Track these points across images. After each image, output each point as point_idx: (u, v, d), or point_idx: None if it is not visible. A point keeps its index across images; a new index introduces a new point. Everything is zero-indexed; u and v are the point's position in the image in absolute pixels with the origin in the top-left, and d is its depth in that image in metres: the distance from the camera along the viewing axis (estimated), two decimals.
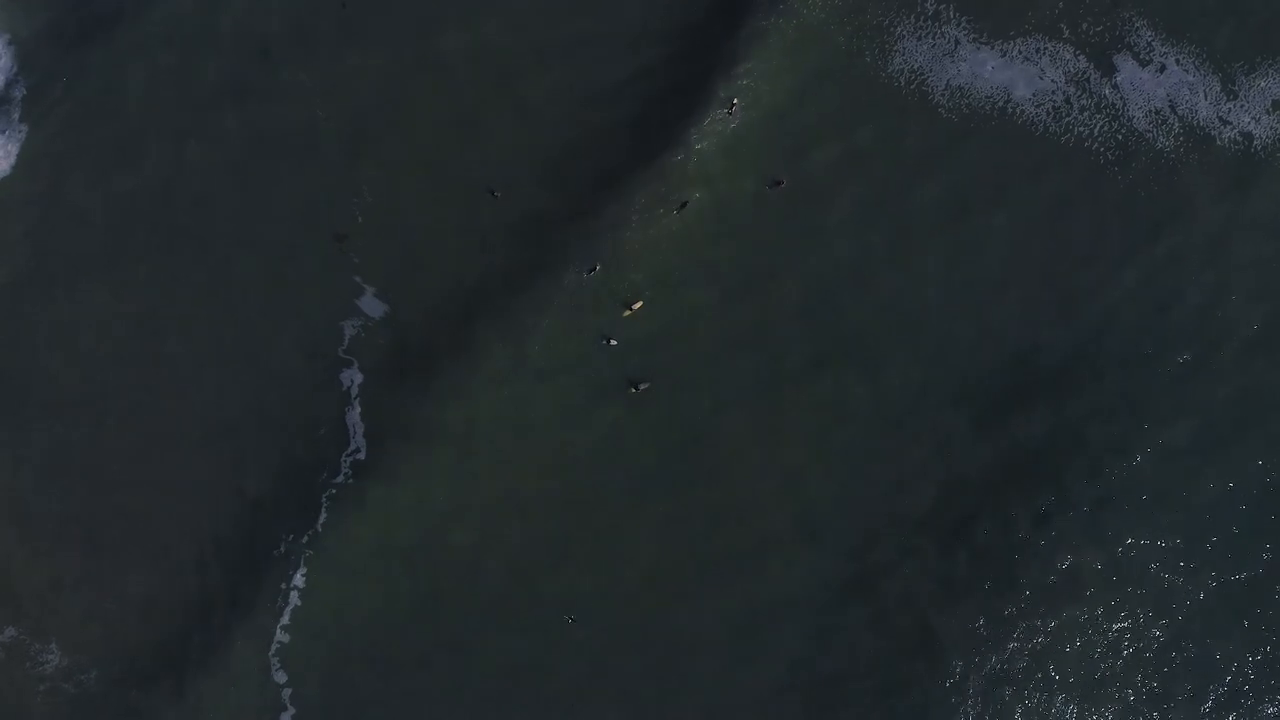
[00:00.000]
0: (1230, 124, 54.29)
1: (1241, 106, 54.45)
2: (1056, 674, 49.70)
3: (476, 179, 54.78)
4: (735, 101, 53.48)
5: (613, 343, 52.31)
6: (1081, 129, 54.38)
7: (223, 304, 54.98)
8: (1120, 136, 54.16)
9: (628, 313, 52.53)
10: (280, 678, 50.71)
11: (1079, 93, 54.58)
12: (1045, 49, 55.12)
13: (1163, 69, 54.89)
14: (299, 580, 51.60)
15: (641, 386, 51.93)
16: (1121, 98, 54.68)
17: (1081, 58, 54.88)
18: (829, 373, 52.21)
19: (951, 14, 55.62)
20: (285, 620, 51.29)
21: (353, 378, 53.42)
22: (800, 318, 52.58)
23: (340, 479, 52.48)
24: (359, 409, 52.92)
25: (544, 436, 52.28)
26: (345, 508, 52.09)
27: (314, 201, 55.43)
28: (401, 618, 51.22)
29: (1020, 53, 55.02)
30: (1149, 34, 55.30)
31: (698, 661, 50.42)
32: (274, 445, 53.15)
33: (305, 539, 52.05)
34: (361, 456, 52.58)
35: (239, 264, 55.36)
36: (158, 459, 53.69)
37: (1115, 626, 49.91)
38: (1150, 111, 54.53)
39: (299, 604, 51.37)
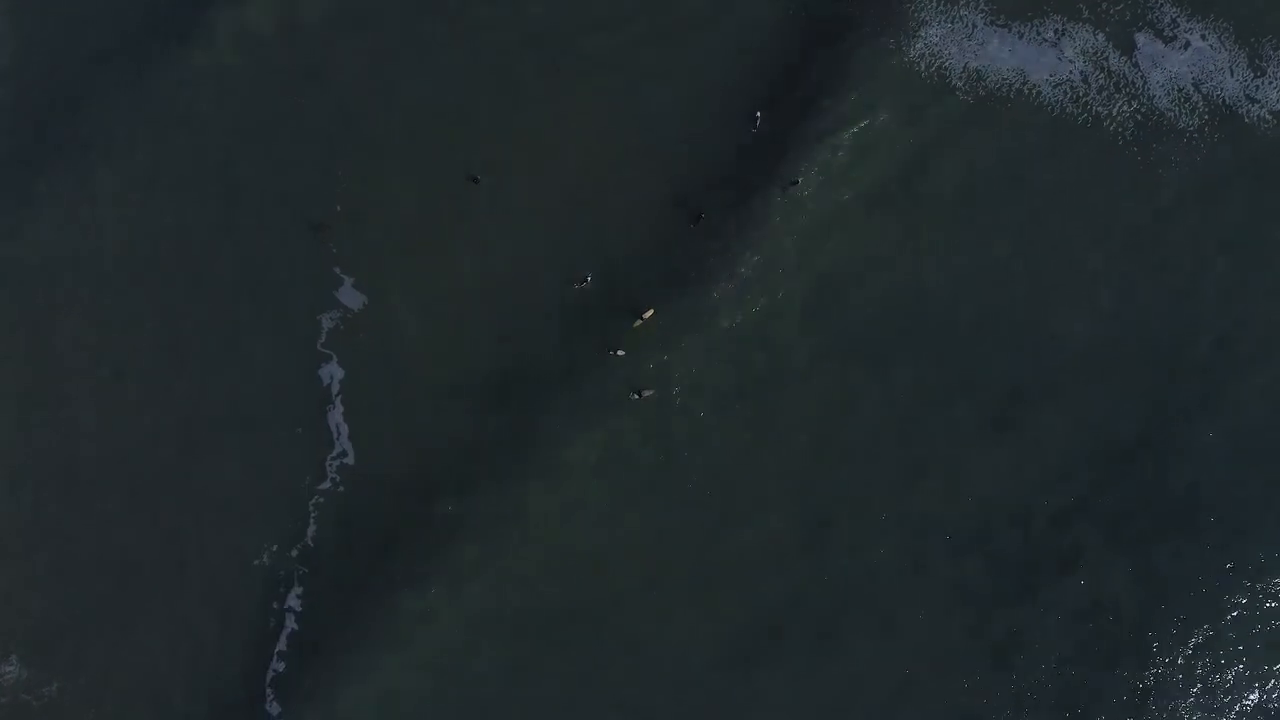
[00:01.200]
0: (1258, 102, 52.32)
1: (1270, 83, 52.64)
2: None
3: (462, 164, 52.60)
4: (759, 115, 51.96)
5: (620, 353, 50.30)
6: (1099, 109, 52.47)
7: (194, 297, 52.47)
8: (1139, 116, 52.26)
9: (638, 322, 50.48)
10: (274, 709, 47.92)
11: (1097, 72, 52.79)
12: (1064, 29, 53.38)
13: (1186, 45, 53.03)
14: (294, 601, 49.26)
15: (645, 393, 49.83)
16: (1142, 76, 52.70)
17: (1100, 36, 53.27)
18: (839, 370, 50.60)
19: None
20: (282, 645, 48.88)
21: (333, 373, 51.10)
22: (810, 316, 50.92)
23: (328, 485, 50.16)
24: (341, 408, 50.65)
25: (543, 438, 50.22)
26: (336, 517, 49.77)
27: (292, 190, 52.96)
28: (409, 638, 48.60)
29: (1038, 34, 53.22)
30: (1172, 9, 53.28)
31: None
32: (251, 445, 50.74)
33: (294, 552, 49.63)
34: (350, 461, 50.22)
35: (212, 254, 52.86)
36: (128, 460, 51.01)
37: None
38: (1173, 90, 52.63)
39: (295, 628, 48.98)
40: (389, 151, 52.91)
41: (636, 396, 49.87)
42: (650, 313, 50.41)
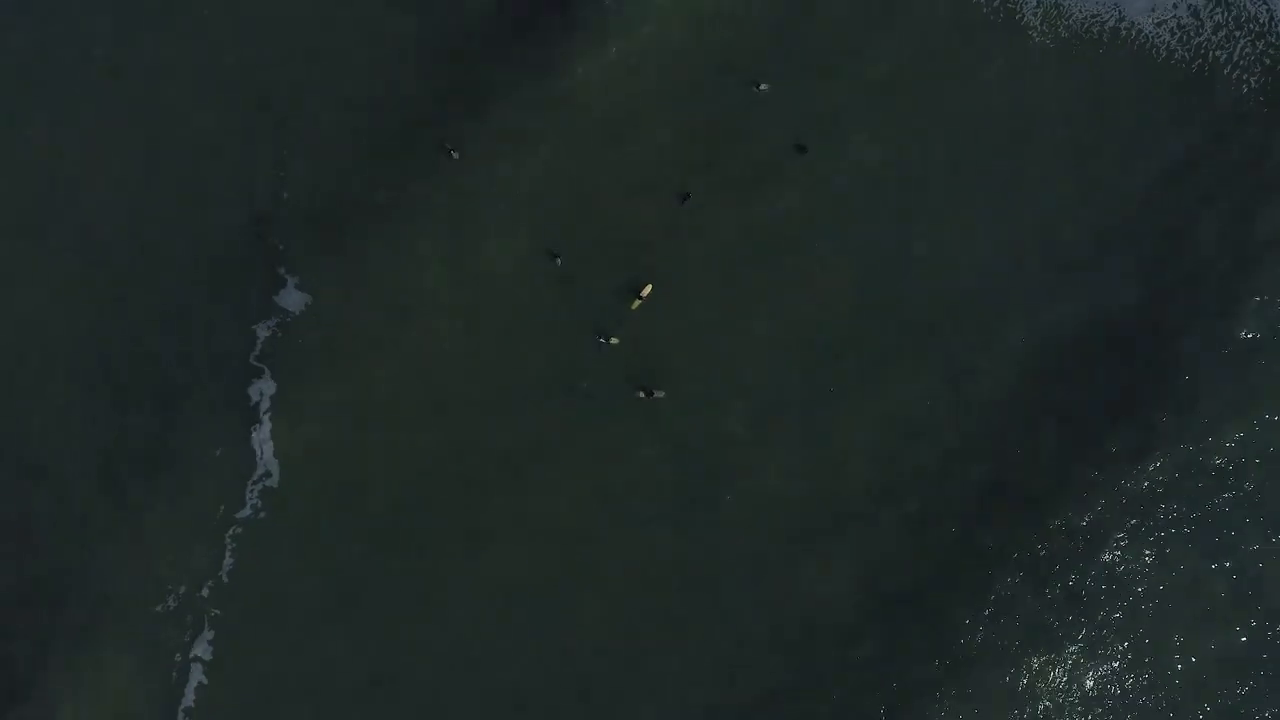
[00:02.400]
0: None
1: None
2: None
3: (429, 139, 47.56)
4: (763, 86, 47.27)
5: (613, 341, 46.09)
6: (1217, 52, 46.06)
7: (107, 302, 47.82)
8: (1268, 60, 45.81)
9: (637, 302, 46.29)
10: None
11: (1212, 6, 46.64)
12: None
13: None
14: (202, 649, 45.01)
15: (656, 394, 45.53)
16: (1267, 8, 46.08)
17: None
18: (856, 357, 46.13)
19: None
20: (189, 700, 44.94)
21: (263, 390, 46.75)
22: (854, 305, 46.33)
23: (247, 513, 45.83)
24: (269, 425, 46.39)
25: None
26: (256, 550, 45.46)
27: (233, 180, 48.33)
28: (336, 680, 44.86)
29: None
30: None
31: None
32: (159, 466, 46.22)
33: (205, 590, 45.36)
34: (273, 483, 46.01)
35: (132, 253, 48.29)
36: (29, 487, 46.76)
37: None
38: None
39: (204, 680, 44.84)
40: (348, 131, 48.00)
41: (644, 397, 45.76)
42: (649, 289, 46.35)
